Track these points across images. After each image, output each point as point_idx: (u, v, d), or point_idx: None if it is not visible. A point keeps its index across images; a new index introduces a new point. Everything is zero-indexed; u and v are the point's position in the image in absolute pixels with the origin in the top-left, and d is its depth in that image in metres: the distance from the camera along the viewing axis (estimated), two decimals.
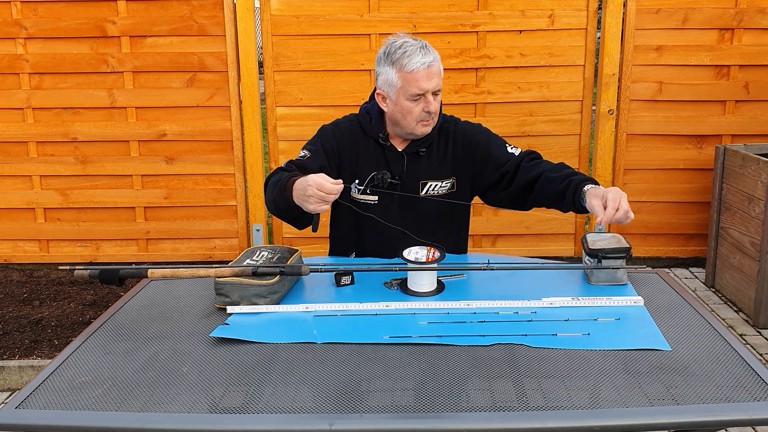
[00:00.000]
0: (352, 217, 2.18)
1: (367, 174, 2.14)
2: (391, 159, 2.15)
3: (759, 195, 3.56)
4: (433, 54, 2.01)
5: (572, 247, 4.43)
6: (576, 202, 1.95)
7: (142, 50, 4.16)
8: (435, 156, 2.17)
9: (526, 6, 4.08)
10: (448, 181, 2.18)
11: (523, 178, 2.10)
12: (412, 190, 2.15)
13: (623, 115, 4.21)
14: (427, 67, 1.98)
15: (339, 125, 2.19)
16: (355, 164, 2.16)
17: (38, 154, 4.31)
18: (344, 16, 4.10)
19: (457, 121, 2.22)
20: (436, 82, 2.01)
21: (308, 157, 2.11)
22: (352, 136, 2.16)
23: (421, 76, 1.98)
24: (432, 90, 2.01)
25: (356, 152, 2.16)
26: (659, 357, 1.53)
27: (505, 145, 2.18)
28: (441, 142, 2.18)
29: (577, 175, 2.01)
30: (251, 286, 1.79)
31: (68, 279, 4.24)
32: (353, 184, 2.15)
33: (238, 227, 4.41)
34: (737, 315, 3.78)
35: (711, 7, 4.06)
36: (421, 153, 2.15)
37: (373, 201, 2.15)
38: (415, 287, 1.88)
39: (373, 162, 2.15)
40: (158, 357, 1.58)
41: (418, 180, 2.16)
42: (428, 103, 2.02)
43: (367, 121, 2.16)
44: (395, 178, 2.13)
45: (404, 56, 1.98)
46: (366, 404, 1.36)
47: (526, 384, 1.42)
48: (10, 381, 3.24)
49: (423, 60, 1.97)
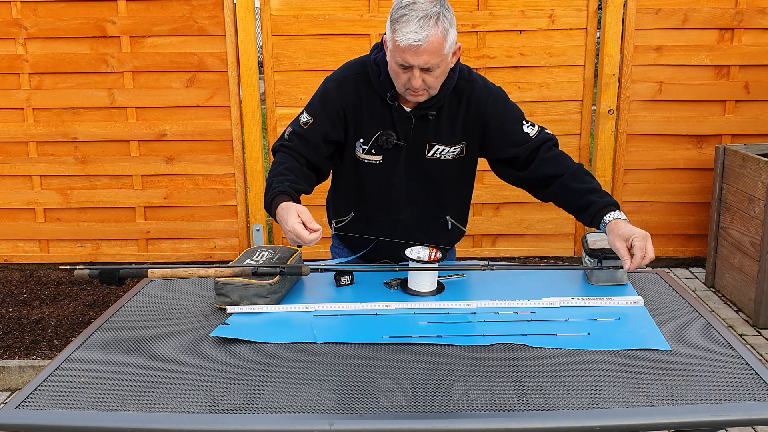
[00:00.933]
0: (354, 176, 2.10)
1: (372, 133, 2.01)
2: (398, 119, 2.00)
3: (759, 195, 3.56)
4: (433, 29, 1.78)
5: (572, 247, 4.43)
6: (595, 225, 1.89)
7: (142, 50, 4.16)
8: (445, 119, 2.01)
9: (526, 6, 4.08)
10: (457, 147, 2.04)
11: (539, 172, 1.99)
12: (418, 152, 2.04)
13: (623, 115, 4.21)
14: (414, 43, 1.78)
15: (342, 83, 2.02)
16: (359, 121, 2.02)
17: (38, 154, 4.31)
18: (344, 16, 4.10)
19: (474, 82, 2.03)
20: (425, 60, 1.80)
21: (310, 125, 2.00)
22: (356, 93, 2.01)
23: (407, 50, 1.80)
24: (419, 66, 1.82)
25: (361, 109, 2.01)
26: (659, 357, 1.53)
27: (521, 121, 2.03)
28: (453, 104, 2.01)
29: (598, 193, 1.91)
30: (251, 286, 1.79)
31: (68, 279, 4.24)
32: (357, 143, 2.04)
33: (238, 227, 4.41)
34: (737, 315, 3.78)
35: (711, 7, 4.06)
36: (431, 116, 1.99)
37: (378, 161, 2.04)
38: (416, 287, 1.88)
39: (378, 121, 2.02)
40: (158, 357, 1.58)
41: (425, 142, 2.03)
42: (413, 78, 1.84)
43: (376, 75, 1.99)
44: (400, 140, 2.01)
45: (400, 21, 1.79)
46: (366, 404, 1.36)
47: (526, 384, 1.42)
48: (10, 381, 3.24)
49: (413, 36, 1.77)
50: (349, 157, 2.07)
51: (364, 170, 2.07)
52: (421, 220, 2.10)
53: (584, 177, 1.96)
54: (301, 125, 2.03)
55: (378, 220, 2.11)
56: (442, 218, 2.15)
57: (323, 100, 2.04)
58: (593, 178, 1.98)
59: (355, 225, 2.16)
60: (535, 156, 2.00)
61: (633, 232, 1.76)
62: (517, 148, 2.01)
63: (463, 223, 2.23)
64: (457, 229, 2.20)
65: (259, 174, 4.29)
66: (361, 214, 2.15)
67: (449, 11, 1.85)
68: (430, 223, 2.10)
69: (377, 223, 2.11)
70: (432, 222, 2.10)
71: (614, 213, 1.84)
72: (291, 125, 2.06)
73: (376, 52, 2.00)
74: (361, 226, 2.15)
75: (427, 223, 2.11)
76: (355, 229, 2.17)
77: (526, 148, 2.00)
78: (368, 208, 2.13)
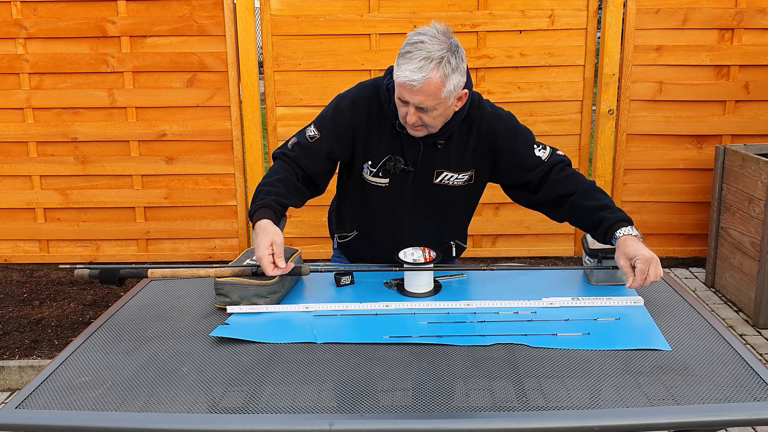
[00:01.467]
0: (360, 195, 2.10)
1: (380, 156, 2.02)
2: (407, 145, 2.00)
3: (759, 195, 3.56)
4: (432, 72, 1.77)
5: (572, 247, 4.43)
6: (608, 242, 1.89)
7: (142, 50, 4.16)
8: (455, 147, 2.02)
9: (526, 6, 4.08)
10: (465, 174, 2.05)
11: (551, 194, 2.00)
12: (426, 177, 2.04)
13: (623, 115, 4.21)
14: (409, 83, 1.79)
15: (356, 104, 2.02)
16: (369, 143, 2.02)
17: (38, 154, 4.31)
18: (344, 16, 4.10)
19: (484, 110, 2.03)
20: (420, 100, 1.81)
21: (317, 139, 2.00)
22: (368, 115, 2.01)
23: (403, 88, 1.82)
24: (414, 104, 1.84)
25: (371, 132, 2.02)
26: (659, 357, 1.53)
27: (532, 145, 2.03)
28: (463, 132, 2.01)
29: (610, 209, 1.91)
30: (251, 286, 1.79)
31: (68, 279, 4.24)
32: (365, 164, 2.05)
33: (238, 227, 4.41)
34: (737, 315, 3.78)
35: (711, 7, 4.06)
36: (439, 145, 2.00)
37: (384, 184, 2.05)
38: (413, 288, 1.88)
39: (387, 145, 2.02)
40: (158, 357, 1.58)
41: (434, 168, 2.04)
42: (408, 114, 1.86)
43: (386, 101, 1.99)
44: (408, 165, 2.02)
45: (404, 57, 1.81)
46: (366, 404, 1.36)
47: (526, 384, 1.42)
48: (10, 381, 3.24)
49: (409, 75, 1.78)
50: (356, 175, 2.08)
51: (370, 191, 2.07)
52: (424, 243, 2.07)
53: (596, 194, 1.96)
54: (307, 138, 2.02)
55: (381, 241, 2.12)
56: (447, 243, 2.16)
57: (335, 117, 2.03)
58: (605, 194, 1.97)
59: (359, 243, 2.19)
60: (547, 178, 2.00)
61: (637, 253, 1.75)
62: (529, 172, 2.01)
63: (464, 240, 2.25)
64: (459, 248, 2.22)
65: (259, 174, 4.29)
66: (364, 233, 2.17)
67: (457, 57, 1.82)
68: (434, 246, 2.10)
69: (380, 243, 2.13)
70: (436, 246, 2.09)
71: (625, 229, 1.83)
72: (296, 136, 2.05)
73: (389, 78, 1.99)
74: (365, 245, 2.17)
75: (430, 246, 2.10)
76: (357, 246, 2.20)
77: (538, 172, 2.00)
78: (372, 228, 2.14)
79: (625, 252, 1.77)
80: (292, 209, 1.99)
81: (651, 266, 1.73)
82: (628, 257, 1.76)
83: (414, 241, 2.05)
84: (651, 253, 1.75)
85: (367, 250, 2.17)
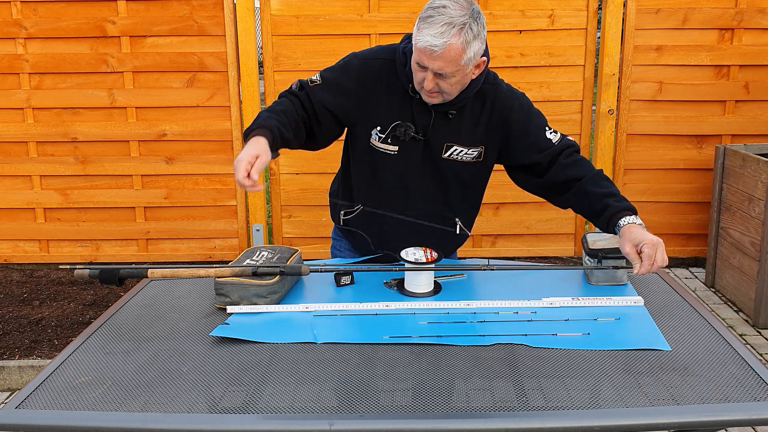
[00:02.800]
0: (367, 165, 2.07)
1: (390, 121, 1.98)
2: (418, 112, 1.96)
3: (759, 195, 3.56)
4: (454, 38, 1.75)
5: (572, 247, 4.43)
6: (611, 230, 1.88)
7: (142, 50, 4.16)
8: (467, 121, 1.99)
9: (526, 6, 4.08)
10: (475, 150, 2.01)
11: (558, 177, 1.98)
12: (435, 150, 2.01)
13: (623, 115, 4.21)
14: (430, 48, 1.76)
15: (368, 64, 1.99)
16: (376, 108, 1.98)
17: (38, 154, 4.31)
18: (344, 16, 4.10)
19: (499, 86, 2.01)
20: (439, 66, 1.79)
21: (317, 85, 1.98)
22: (378, 78, 1.97)
23: (423, 52, 1.79)
24: (433, 70, 1.81)
25: (381, 95, 1.98)
26: (659, 357, 1.53)
27: (544, 127, 2.01)
28: (476, 107, 1.98)
29: (616, 197, 1.89)
30: (251, 286, 1.79)
31: (68, 279, 4.24)
32: (374, 130, 2.01)
33: (238, 227, 4.41)
34: (737, 315, 3.78)
35: (711, 7, 4.06)
36: (451, 115, 1.96)
37: (393, 151, 2.01)
38: (413, 288, 1.88)
39: (397, 110, 1.97)
40: (158, 357, 1.58)
41: (444, 141, 2.01)
42: (426, 80, 1.83)
43: (402, 64, 1.95)
44: (418, 133, 1.98)
45: (425, 21, 1.77)
46: (366, 404, 1.36)
47: (526, 384, 1.42)
48: (10, 381, 3.24)
49: (430, 41, 1.75)
50: (363, 145, 2.03)
51: (378, 160, 2.03)
52: (430, 219, 2.06)
53: (603, 182, 1.94)
54: (311, 81, 2.00)
55: (386, 216, 2.07)
56: (452, 220, 2.12)
57: (341, 73, 2.00)
58: (612, 183, 1.95)
59: (363, 219, 2.12)
60: (555, 161, 1.98)
61: (644, 238, 1.74)
62: (539, 154, 1.99)
63: (469, 227, 2.20)
64: (463, 234, 2.18)
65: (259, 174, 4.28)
66: (370, 207, 2.10)
67: (478, 24, 1.80)
68: (439, 224, 2.07)
69: (385, 219, 2.07)
70: (441, 223, 2.08)
71: (629, 218, 1.82)
72: (300, 81, 2.02)
73: (406, 42, 1.96)
74: (369, 221, 2.11)
75: (435, 223, 2.07)
76: (362, 223, 2.13)
77: (547, 154, 1.98)
78: (379, 200, 2.08)
79: (631, 239, 1.76)
80: (292, 211, 1.97)
81: (658, 251, 1.72)
82: (634, 243, 1.75)
83: (419, 216, 2.02)
84: (656, 237, 1.74)
85: (371, 228, 2.11)
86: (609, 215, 1.85)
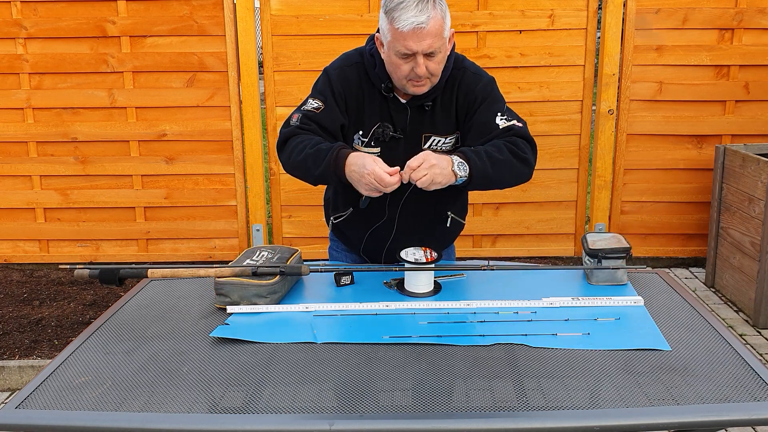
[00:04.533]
0: None
1: (371, 125, 2.01)
2: (395, 111, 1.99)
3: (759, 195, 3.56)
4: (432, 11, 1.78)
5: (572, 247, 4.43)
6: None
7: (142, 50, 4.16)
8: (439, 109, 2.01)
9: (526, 6, 4.08)
10: (452, 137, 2.04)
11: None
12: (415, 144, 2.02)
13: (623, 115, 4.21)
14: (417, 27, 1.76)
15: (344, 72, 2.01)
16: (359, 113, 2.01)
17: (38, 154, 4.31)
18: (344, 16, 4.10)
19: (466, 70, 2.02)
20: (429, 44, 1.79)
21: (322, 110, 1.99)
22: (357, 83, 2.00)
23: (410, 35, 1.78)
24: (423, 51, 1.81)
25: (361, 100, 2.01)
26: (659, 357, 1.53)
27: (497, 113, 2.00)
28: (446, 94, 2.00)
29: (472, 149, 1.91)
30: (251, 286, 1.79)
31: (68, 279, 4.24)
32: (357, 135, 2.04)
33: (238, 227, 4.41)
34: (737, 315, 3.78)
35: (711, 7, 4.06)
36: (426, 107, 1.99)
37: (376, 153, 2.02)
38: (413, 288, 1.88)
39: (376, 112, 2.01)
40: (158, 357, 1.58)
41: (422, 133, 2.02)
42: (417, 65, 1.83)
43: (371, 66, 1.98)
44: (397, 132, 2.00)
45: (397, 9, 1.78)
46: (366, 404, 1.36)
47: (526, 384, 1.42)
48: (10, 381, 3.24)
49: (414, 19, 1.75)
50: None
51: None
52: (422, 215, 2.07)
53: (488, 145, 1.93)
54: (313, 110, 2.00)
55: (376, 216, 2.08)
56: (443, 213, 2.12)
57: (327, 86, 2.02)
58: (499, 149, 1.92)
59: (354, 221, 2.14)
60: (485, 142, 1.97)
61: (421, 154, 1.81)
62: (479, 138, 1.98)
63: (463, 216, 2.21)
64: (457, 224, 2.18)
65: (259, 174, 4.29)
66: (358, 209, 2.10)
67: None
68: (431, 218, 2.08)
69: (375, 218, 2.08)
70: (433, 217, 2.08)
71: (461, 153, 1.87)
72: (298, 112, 2.03)
73: (371, 44, 1.99)
74: (361, 223, 2.12)
75: (427, 218, 2.09)
76: (352, 224, 2.15)
77: (488, 138, 1.97)
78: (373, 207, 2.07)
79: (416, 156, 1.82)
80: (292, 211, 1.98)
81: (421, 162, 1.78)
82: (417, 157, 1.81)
83: (410, 213, 2.03)
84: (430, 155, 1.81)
85: (363, 230, 2.12)
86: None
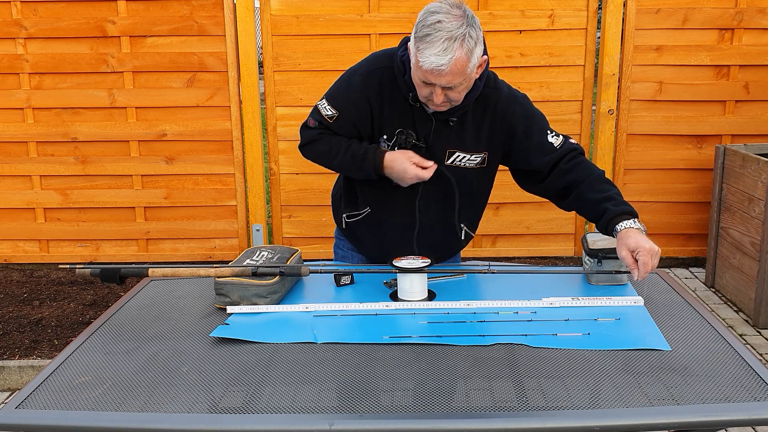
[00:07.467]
0: None
1: (394, 129, 1.98)
2: (419, 120, 1.97)
3: (759, 195, 3.56)
4: (458, 51, 1.74)
5: (572, 247, 4.43)
6: (610, 234, 1.87)
7: (142, 50, 4.16)
8: (469, 127, 1.98)
9: (526, 6, 4.08)
10: (479, 156, 2.01)
11: (558, 183, 1.98)
12: (438, 157, 1.99)
13: (623, 115, 4.21)
14: (438, 68, 1.75)
15: (369, 78, 1.98)
16: (381, 116, 1.99)
17: (38, 154, 4.31)
18: (344, 16, 4.10)
19: (500, 91, 2.00)
20: (448, 80, 1.78)
21: (336, 119, 1.99)
22: (380, 88, 1.97)
23: (430, 73, 1.77)
24: (442, 85, 1.80)
25: (384, 104, 1.98)
26: (659, 357, 1.53)
27: (546, 131, 2.01)
28: (478, 112, 1.98)
29: (614, 201, 1.88)
30: (251, 286, 1.79)
31: (68, 279, 4.24)
32: (381, 138, 2.01)
33: (238, 227, 4.41)
34: (737, 315, 3.78)
35: (711, 7, 4.06)
36: (452, 122, 1.96)
37: None
38: (406, 296, 1.84)
39: (400, 118, 1.98)
40: (158, 357, 1.58)
41: (446, 148, 1.99)
42: (435, 95, 1.82)
43: (401, 73, 1.94)
44: (420, 141, 1.98)
45: (424, 41, 1.75)
46: (366, 404, 1.36)
47: (526, 384, 1.42)
48: (10, 381, 3.24)
49: (435, 60, 1.73)
50: None
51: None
52: (434, 225, 2.06)
53: (601, 185, 1.93)
54: (327, 117, 2.00)
55: (392, 221, 2.07)
56: (456, 226, 2.11)
57: (349, 92, 2.01)
58: (612, 186, 1.94)
59: (368, 223, 2.12)
60: (556, 167, 1.98)
61: (639, 245, 1.72)
62: (540, 160, 1.98)
63: (474, 229, 2.20)
64: (468, 236, 2.17)
65: (259, 174, 4.29)
66: (375, 211, 2.10)
67: (475, 28, 1.79)
68: (443, 229, 2.07)
69: (390, 224, 2.08)
70: (445, 228, 2.07)
71: (627, 222, 1.81)
72: (313, 117, 2.02)
73: (404, 50, 1.95)
74: (373, 226, 2.11)
75: (439, 228, 2.07)
76: (366, 227, 2.13)
77: (549, 159, 1.98)
78: (383, 206, 2.08)
79: (627, 243, 1.75)
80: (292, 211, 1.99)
81: (654, 259, 1.71)
82: (630, 249, 1.74)
83: (423, 223, 2.03)
84: (652, 244, 1.73)
85: (376, 232, 2.11)
86: (606, 220, 1.85)
